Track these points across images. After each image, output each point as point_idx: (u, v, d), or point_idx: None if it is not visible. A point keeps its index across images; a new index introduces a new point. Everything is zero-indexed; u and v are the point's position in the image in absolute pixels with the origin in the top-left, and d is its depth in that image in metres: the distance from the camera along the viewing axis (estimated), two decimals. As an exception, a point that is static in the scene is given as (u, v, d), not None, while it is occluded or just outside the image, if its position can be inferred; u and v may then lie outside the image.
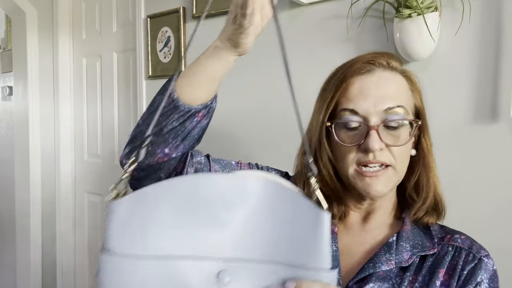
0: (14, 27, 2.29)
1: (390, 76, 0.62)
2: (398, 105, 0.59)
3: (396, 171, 0.61)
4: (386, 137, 0.59)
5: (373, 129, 0.58)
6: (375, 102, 0.59)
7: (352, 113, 0.60)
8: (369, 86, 0.60)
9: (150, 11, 1.76)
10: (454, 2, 0.99)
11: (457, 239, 0.63)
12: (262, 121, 1.41)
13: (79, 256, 2.33)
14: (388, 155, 0.60)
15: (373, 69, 0.62)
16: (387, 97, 0.59)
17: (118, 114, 2.05)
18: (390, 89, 0.60)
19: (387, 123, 0.59)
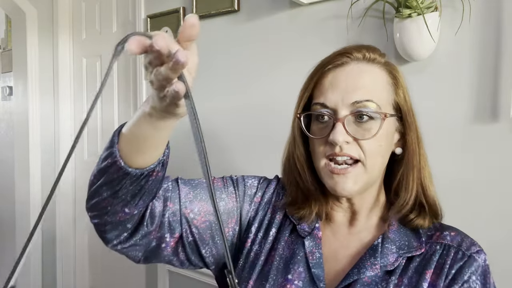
0: (14, 27, 2.29)
1: (365, 68, 0.60)
2: (368, 99, 0.58)
3: (366, 168, 0.59)
4: (355, 130, 0.58)
5: (338, 121, 0.57)
6: (343, 95, 0.58)
7: (322, 107, 0.60)
8: (340, 78, 0.60)
9: (150, 11, 1.76)
10: (454, 2, 0.99)
11: (446, 236, 0.61)
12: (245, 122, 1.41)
13: (79, 256, 2.33)
14: (356, 149, 0.58)
15: (347, 61, 0.61)
16: (356, 90, 0.58)
17: (118, 114, 2.05)
18: (362, 81, 0.59)
19: (356, 116, 0.58)
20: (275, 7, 1.34)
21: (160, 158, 0.57)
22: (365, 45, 0.64)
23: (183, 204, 0.63)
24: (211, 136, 1.56)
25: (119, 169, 0.53)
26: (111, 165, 0.53)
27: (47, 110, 2.26)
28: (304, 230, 0.64)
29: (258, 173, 1.41)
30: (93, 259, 2.26)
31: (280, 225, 0.67)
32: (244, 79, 1.45)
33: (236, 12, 1.45)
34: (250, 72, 1.43)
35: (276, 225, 0.67)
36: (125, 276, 2.05)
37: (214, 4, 1.50)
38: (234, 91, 1.48)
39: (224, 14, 1.48)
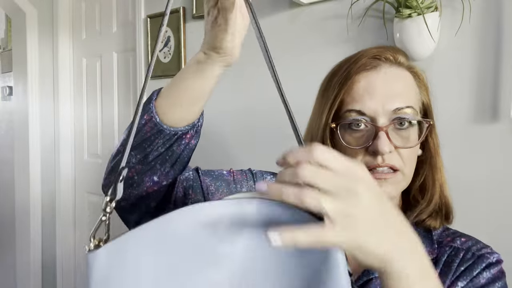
0: (14, 27, 2.29)
1: (398, 72, 0.58)
2: (407, 106, 0.56)
3: (405, 175, 0.57)
4: (396, 139, 0.55)
5: (382, 130, 0.54)
6: (383, 102, 0.55)
7: (359, 114, 0.56)
8: (376, 84, 0.56)
9: (150, 11, 1.76)
10: (454, 2, 0.99)
11: (457, 240, 0.60)
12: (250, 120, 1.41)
13: (79, 256, 2.33)
14: (397, 158, 0.56)
15: (379, 64, 0.57)
16: (395, 96, 0.55)
17: (118, 114, 2.05)
18: (398, 87, 0.56)
19: (396, 124, 0.55)
20: (275, 7, 1.34)
21: (194, 122, 0.58)
22: (392, 47, 0.62)
23: (206, 196, 0.64)
24: (211, 136, 1.56)
25: (154, 125, 0.54)
26: (146, 122, 0.53)
27: (47, 110, 2.27)
28: None
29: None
30: (93, 259, 2.26)
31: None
32: (244, 78, 1.45)
33: (236, 12, 1.45)
34: (250, 72, 1.43)
35: None
36: (125, 276, 2.05)
37: (214, 4, 1.50)
38: (234, 90, 1.48)
39: (224, 14, 1.48)
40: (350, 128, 0.57)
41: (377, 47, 0.60)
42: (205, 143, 1.59)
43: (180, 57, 1.62)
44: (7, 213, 2.53)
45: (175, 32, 1.65)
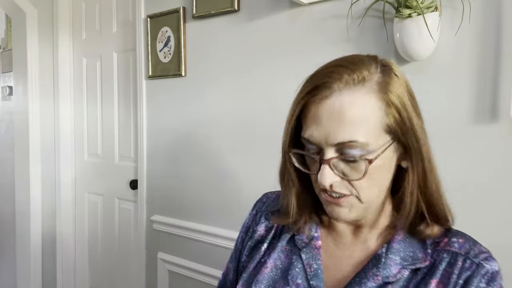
0: (14, 27, 2.29)
1: (348, 99, 0.52)
2: (351, 140, 0.52)
3: (361, 200, 0.56)
4: (344, 169, 0.55)
5: (324, 163, 0.54)
6: (326, 134, 0.53)
7: (308, 142, 0.56)
8: (321, 114, 0.54)
9: (150, 11, 1.76)
10: (454, 2, 0.99)
11: (454, 243, 0.58)
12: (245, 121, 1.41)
13: (79, 256, 2.33)
14: (346, 186, 0.55)
15: (327, 95, 0.53)
16: (340, 129, 0.52)
17: (118, 114, 2.05)
18: (345, 117, 0.52)
19: (340, 157, 0.54)
20: (275, 7, 1.34)
21: None
22: (349, 60, 0.56)
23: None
24: (210, 136, 1.56)
25: None
26: None
27: (47, 110, 2.27)
28: (302, 241, 0.64)
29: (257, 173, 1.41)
30: (93, 259, 2.26)
31: (276, 233, 0.69)
32: (244, 78, 1.45)
33: (236, 12, 1.45)
34: (250, 72, 1.43)
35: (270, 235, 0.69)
36: (125, 276, 2.05)
37: (214, 4, 1.50)
38: (234, 90, 1.48)
39: (224, 14, 1.48)
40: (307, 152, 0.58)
41: (331, 67, 0.56)
42: (206, 143, 1.59)
43: (180, 57, 1.62)
44: (7, 213, 2.53)
45: (175, 32, 1.65)
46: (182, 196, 1.69)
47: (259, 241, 0.70)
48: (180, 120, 1.68)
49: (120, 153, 2.05)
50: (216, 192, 1.56)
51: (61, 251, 2.32)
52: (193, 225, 1.64)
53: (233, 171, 1.50)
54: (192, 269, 1.66)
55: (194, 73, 1.61)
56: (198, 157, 1.62)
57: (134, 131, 1.94)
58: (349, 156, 0.53)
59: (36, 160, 2.25)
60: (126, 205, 2.03)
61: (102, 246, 2.19)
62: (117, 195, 2.08)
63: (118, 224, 2.09)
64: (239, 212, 1.48)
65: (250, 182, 1.44)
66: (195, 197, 1.64)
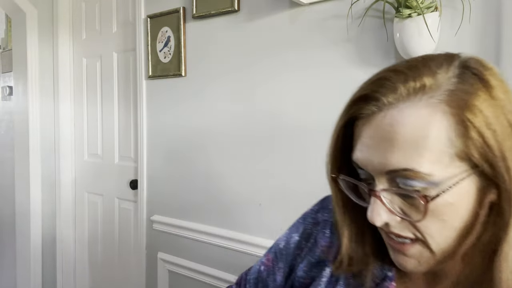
0: (14, 27, 2.29)
1: (401, 113, 0.40)
2: (405, 169, 0.39)
3: (431, 248, 0.42)
4: (401, 205, 0.42)
5: (372, 195, 0.42)
6: (374, 160, 0.42)
7: (358, 167, 0.44)
8: (368, 133, 0.42)
9: (150, 11, 1.76)
10: (454, 2, 0.99)
11: None
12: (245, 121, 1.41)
13: (79, 256, 2.33)
14: (408, 228, 0.42)
15: (376, 108, 0.42)
16: (391, 153, 0.40)
17: (118, 114, 2.05)
18: (397, 138, 0.40)
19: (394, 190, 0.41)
20: (275, 7, 1.34)
21: None
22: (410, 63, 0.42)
23: None
24: (210, 136, 1.56)
25: None
26: None
27: (47, 110, 2.27)
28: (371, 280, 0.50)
29: (257, 173, 1.41)
30: (93, 259, 2.26)
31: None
32: (244, 78, 1.45)
33: (236, 12, 1.45)
34: (250, 72, 1.43)
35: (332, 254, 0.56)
36: (125, 276, 2.05)
37: (214, 4, 1.50)
38: (234, 90, 1.48)
39: (224, 14, 1.48)
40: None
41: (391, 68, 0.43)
42: (206, 143, 1.59)
43: (180, 57, 1.62)
44: (7, 213, 2.53)
45: (175, 32, 1.65)
46: (182, 196, 1.69)
47: (321, 259, 0.57)
48: (180, 120, 1.68)
49: (120, 153, 2.05)
50: (216, 192, 1.56)
51: (61, 251, 2.32)
52: (193, 225, 1.64)
53: (233, 171, 1.50)
54: (192, 269, 1.66)
55: (194, 73, 1.61)
56: (198, 157, 1.62)
57: (134, 131, 1.94)
58: (403, 190, 0.40)
59: (36, 160, 2.25)
60: (126, 205, 2.03)
61: (102, 246, 2.19)
62: (117, 195, 2.08)
63: (118, 224, 2.09)
64: (239, 212, 1.48)
65: (250, 182, 1.44)
66: (195, 197, 1.64)
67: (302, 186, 1.29)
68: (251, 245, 1.43)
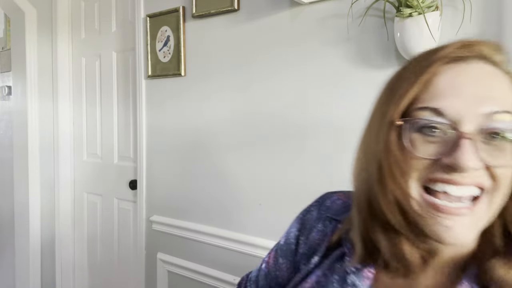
0: (13, 27, 2.28)
1: (495, 71, 0.43)
2: (506, 110, 0.41)
3: (491, 205, 0.42)
4: (487, 153, 0.41)
5: (466, 137, 0.40)
6: (472, 102, 0.41)
7: (436, 114, 0.42)
8: (465, 80, 0.42)
9: (150, 10, 1.75)
10: (455, 1, 0.99)
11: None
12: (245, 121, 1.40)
13: (78, 256, 2.32)
14: (485, 177, 0.41)
15: (469, 57, 0.44)
16: (490, 97, 0.41)
17: (118, 113, 2.04)
18: (495, 87, 0.42)
19: (489, 131, 0.41)
20: (275, 6, 1.34)
21: None
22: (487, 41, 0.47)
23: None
24: (209, 136, 1.56)
25: None
26: None
27: (46, 109, 2.26)
28: (352, 265, 0.51)
29: (257, 173, 1.41)
30: (92, 260, 2.25)
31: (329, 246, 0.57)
32: (243, 78, 1.44)
33: (236, 11, 1.44)
34: (250, 72, 1.42)
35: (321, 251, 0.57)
36: (124, 277, 2.04)
37: (214, 3, 1.49)
38: (234, 90, 1.47)
39: (224, 14, 1.48)
40: (421, 131, 0.42)
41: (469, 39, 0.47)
42: (205, 143, 1.58)
43: (179, 56, 1.62)
44: (6, 213, 2.52)
45: (174, 32, 1.64)
46: (182, 196, 1.68)
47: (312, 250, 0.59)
48: (179, 120, 1.67)
49: (119, 153, 2.04)
50: (216, 192, 1.56)
51: (60, 252, 2.32)
52: (193, 226, 1.63)
53: (233, 171, 1.49)
54: (191, 270, 1.65)
55: (193, 72, 1.60)
56: (198, 157, 1.62)
57: (134, 131, 1.93)
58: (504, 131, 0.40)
59: (35, 160, 2.24)
60: (125, 205, 2.03)
61: (101, 246, 2.19)
62: (116, 195, 2.07)
63: (117, 224, 2.09)
64: (239, 212, 1.48)
65: (250, 182, 1.44)
66: (195, 197, 1.63)
67: (302, 185, 1.29)
68: (251, 246, 1.43)
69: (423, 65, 0.44)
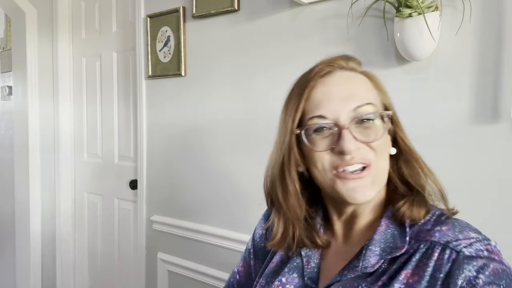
0: (14, 27, 2.29)
1: (352, 75, 0.61)
2: (367, 102, 0.57)
3: (379, 169, 0.58)
4: (361, 135, 0.57)
5: (344, 128, 0.56)
6: (341, 103, 0.57)
7: (321, 118, 0.57)
8: (332, 88, 0.59)
9: (150, 10, 1.75)
10: (455, 1, 0.99)
11: (436, 232, 0.54)
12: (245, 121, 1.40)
13: (78, 256, 2.33)
14: (367, 151, 0.57)
15: (332, 70, 0.61)
16: (353, 96, 0.57)
17: (118, 114, 2.05)
18: (354, 87, 0.59)
19: (358, 120, 0.57)
20: (275, 6, 1.34)
21: None
22: (343, 55, 0.64)
23: None
24: (210, 136, 1.56)
25: None
26: None
27: (46, 109, 2.26)
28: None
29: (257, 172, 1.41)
30: (93, 259, 2.26)
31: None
32: (244, 78, 1.44)
33: (236, 11, 1.44)
34: (250, 72, 1.43)
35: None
36: (125, 276, 2.04)
37: (214, 3, 1.50)
38: (234, 90, 1.47)
39: (224, 14, 1.48)
40: (315, 133, 0.58)
41: (330, 57, 0.63)
42: (206, 143, 1.58)
43: (180, 56, 1.62)
44: (7, 213, 2.52)
45: (175, 32, 1.65)
46: (182, 196, 1.68)
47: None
48: (180, 120, 1.67)
49: (119, 153, 2.05)
50: (216, 192, 1.56)
51: (61, 251, 2.32)
52: (193, 225, 1.64)
53: (232, 171, 1.49)
54: (191, 270, 1.65)
55: (193, 72, 1.60)
56: (198, 157, 1.62)
57: (134, 131, 1.93)
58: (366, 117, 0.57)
59: (36, 160, 2.24)
60: (126, 205, 2.03)
61: (102, 246, 2.19)
62: (116, 195, 2.07)
63: (117, 224, 2.09)
64: (239, 212, 1.48)
65: (250, 181, 1.44)
66: (195, 197, 1.64)
67: (302, 186, 1.29)
68: (251, 245, 1.43)
69: (302, 85, 0.60)
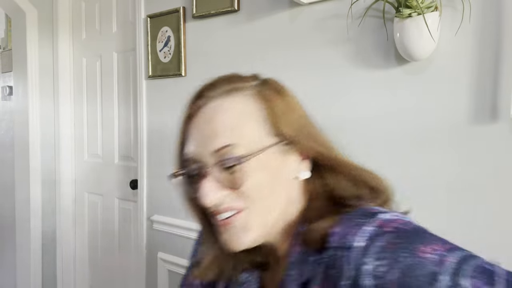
0: (14, 27, 2.29)
1: (222, 105, 0.51)
2: (226, 145, 0.48)
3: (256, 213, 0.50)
4: (227, 179, 0.49)
5: (206, 175, 0.49)
6: (204, 143, 0.50)
7: (192, 162, 0.51)
8: (198, 124, 0.52)
9: (150, 10, 1.76)
10: (454, 2, 0.99)
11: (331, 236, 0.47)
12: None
13: (79, 256, 2.33)
14: (234, 199, 0.49)
15: (204, 103, 0.52)
16: (215, 135, 0.49)
17: (118, 114, 2.05)
18: (218, 123, 0.49)
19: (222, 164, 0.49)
20: (275, 7, 1.34)
21: None
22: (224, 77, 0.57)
23: None
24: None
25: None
26: None
27: (47, 109, 2.27)
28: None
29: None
30: (93, 259, 2.26)
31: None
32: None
33: (236, 12, 1.45)
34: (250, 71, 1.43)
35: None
36: (125, 276, 2.05)
37: (214, 3, 1.50)
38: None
39: (224, 14, 1.48)
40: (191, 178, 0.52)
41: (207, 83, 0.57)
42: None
43: (180, 57, 1.62)
44: (7, 213, 2.53)
45: (175, 32, 1.65)
46: (182, 196, 1.69)
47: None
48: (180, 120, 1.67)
49: (120, 153, 2.05)
50: (216, 192, 1.56)
51: (61, 251, 2.32)
52: (193, 225, 1.64)
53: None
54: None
55: (194, 73, 1.61)
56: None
57: (134, 131, 1.94)
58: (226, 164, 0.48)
59: (36, 160, 2.25)
60: (126, 205, 2.03)
61: (102, 246, 2.19)
62: (117, 195, 2.08)
63: (118, 224, 2.09)
64: (239, 212, 1.48)
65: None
66: (195, 197, 1.64)
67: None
68: (251, 245, 1.43)
69: (180, 127, 0.55)
